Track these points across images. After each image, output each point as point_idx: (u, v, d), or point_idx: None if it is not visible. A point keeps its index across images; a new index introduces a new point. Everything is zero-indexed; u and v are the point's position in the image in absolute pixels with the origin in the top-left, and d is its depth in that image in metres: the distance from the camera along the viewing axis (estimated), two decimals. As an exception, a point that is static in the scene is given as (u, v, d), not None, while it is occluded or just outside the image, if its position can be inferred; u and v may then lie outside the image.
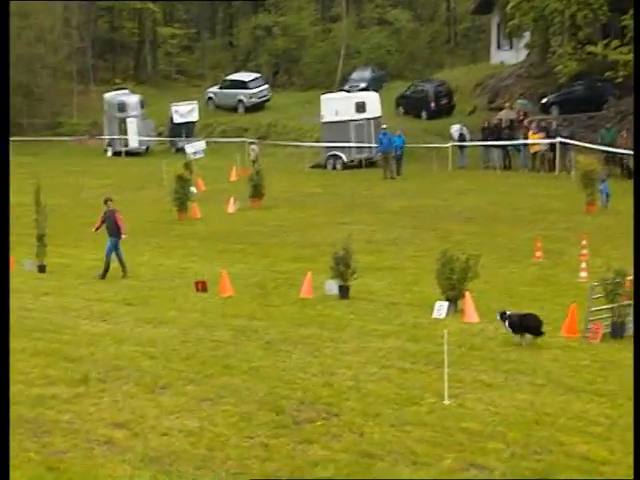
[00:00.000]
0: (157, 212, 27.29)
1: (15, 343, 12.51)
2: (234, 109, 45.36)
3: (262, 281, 17.29)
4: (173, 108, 42.15)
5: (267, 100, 45.81)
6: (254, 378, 10.94)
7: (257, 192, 27.59)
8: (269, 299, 15.67)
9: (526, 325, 11.99)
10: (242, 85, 45.54)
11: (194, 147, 39.44)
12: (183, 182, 26.12)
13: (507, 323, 12.10)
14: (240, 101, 45.27)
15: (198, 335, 13.08)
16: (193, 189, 27.50)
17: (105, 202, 18.54)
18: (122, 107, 42.29)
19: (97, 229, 18.69)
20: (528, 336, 12.02)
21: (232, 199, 27.24)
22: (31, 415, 9.67)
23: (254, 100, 45.29)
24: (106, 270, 18.03)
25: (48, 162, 40.34)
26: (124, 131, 42.09)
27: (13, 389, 10.45)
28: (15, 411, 9.73)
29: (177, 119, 41.95)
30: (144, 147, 42.35)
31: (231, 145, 39.86)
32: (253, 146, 37.22)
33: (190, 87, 51.29)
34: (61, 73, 49.49)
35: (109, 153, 42.74)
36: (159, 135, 43.42)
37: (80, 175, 34.81)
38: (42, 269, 18.85)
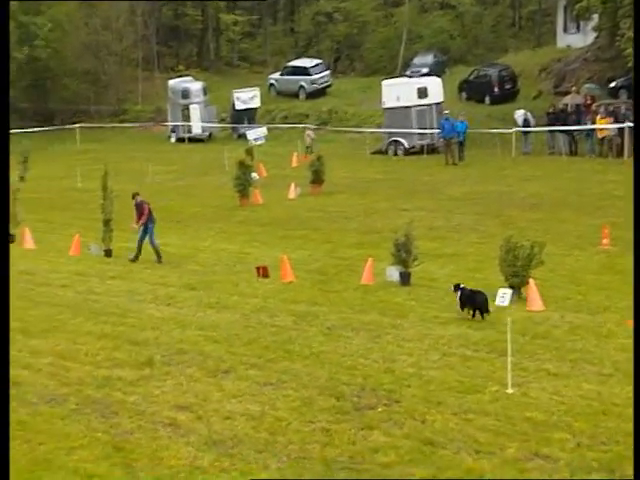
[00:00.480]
0: (219, 198, 27.54)
1: (82, 326, 12.82)
2: (295, 95, 45.41)
3: (323, 267, 17.31)
4: (235, 95, 42.42)
5: (328, 86, 45.72)
6: (315, 363, 10.97)
7: (318, 178, 27.59)
8: (330, 285, 15.68)
9: (474, 301, 12.61)
10: (303, 71, 45.53)
11: (255, 133, 39.68)
12: (245, 168, 26.28)
13: (459, 295, 12.74)
14: (301, 87, 45.29)
15: (260, 320, 13.17)
16: (255, 175, 27.66)
17: (133, 197, 18.87)
18: (185, 94, 42.72)
19: (138, 222, 18.96)
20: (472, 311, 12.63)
21: (293, 185, 27.31)
22: (98, 396, 9.87)
23: (315, 86, 45.25)
24: (158, 255, 18.37)
25: (113, 148, 41.08)
26: (187, 118, 42.53)
27: (81, 371, 10.71)
28: (83, 392, 9.96)
29: (239, 105, 42.21)
30: (207, 133, 42.73)
31: (292, 131, 39.94)
32: (308, 132, 37.25)
33: (252, 74, 51.51)
34: (126, 60, 50.23)
35: (172, 139, 43.27)
36: (221, 121, 43.77)
37: (144, 161, 35.34)
38: (108, 253, 19.22)
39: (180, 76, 46.37)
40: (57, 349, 11.60)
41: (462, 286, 12.90)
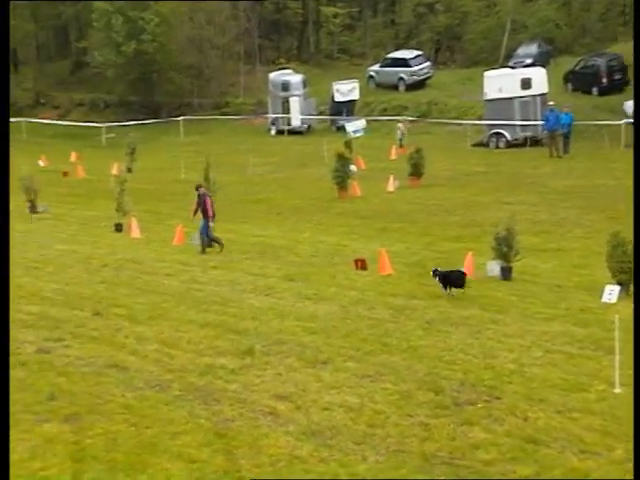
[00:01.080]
0: (318, 190, 27.69)
1: (186, 314, 13.15)
2: (395, 87, 45.13)
3: (422, 260, 17.16)
4: (334, 87, 42.51)
5: (428, 78, 45.24)
6: (413, 357, 10.90)
7: (417, 171, 27.37)
8: (429, 279, 15.48)
9: (451, 280, 13.91)
10: (403, 63, 45.20)
11: (354, 125, 39.69)
12: (343, 160, 26.32)
13: (437, 279, 14.02)
14: (401, 79, 44.98)
15: (357, 312, 13.18)
16: (353, 167, 27.66)
17: (196, 188, 19.09)
18: (286, 86, 43.10)
19: (194, 214, 19.25)
20: (454, 289, 13.85)
21: (392, 178, 27.17)
22: (201, 383, 10.09)
23: (415, 78, 44.85)
24: (204, 249, 18.70)
25: (215, 140, 41.90)
26: (287, 110, 42.91)
27: (184, 358, 10.97)
28: (186, 379, 10.22)
29: (338, 98, 42.28)
30: (306, 126, 43.00)
31: (391, 123, 39.68)
32: (399, 124, 37.02)
33: (351, 66, 51.50)
34: (228, 54, 51.05)
35: (272, 132, 43.72)
36: (320, 114, 43.95)
37: (245, 153, 35.91)
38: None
39: (281, 69, 46.82)
40: (162, 336, 11.92)
41: (437, 269, 14.20)
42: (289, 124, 42.87)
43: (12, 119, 49.62)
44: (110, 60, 48.63)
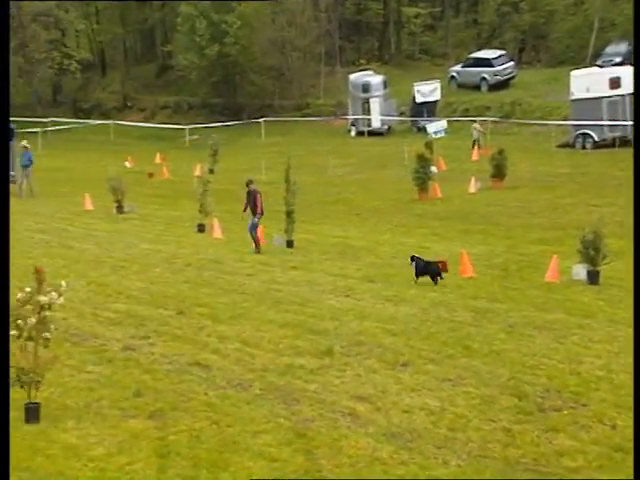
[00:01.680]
0: (398, 191, 27.60)
1: (266, 314, 13.28)
2: (477, 87, 44.61)
3: (504, 263, 16.90)
4: (415, 88, 42.29)
5: (512, 78, 44.53)
6: (495, 361, 10.73)
7: (499, 172, 26.98)
8: (511, 282, 15.28)
9: (427, 270, 14.99)
10: (486, 63, 44.63)
11: (435, 126, 39.41)
12: (424, 161, 26.16)
13: (414, 265, 15.04)
14: (483, 79, 44.43)
15: (438, 315, 13.06)
16: (434, 168, 27.47)
17: (247, 184, 19.13)
18: (366, 88, 43.10)
19: (244, 210, 19.33)
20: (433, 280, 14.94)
21: (473, 179, 26.87)
22: (281, 383, 10.17)
23: (498, 78, 44.22)
24: (256, 244, 18.80)
25: (296, 141, 42.23)
26: (367, 111, 42.91)
27: (264, 357, 11.08)
28: (266, 378, 10.31)
29: (419, 98, 42.05)
30: (386, 127, 42.92)
31: (473, 124, 39.19)
32: (475, 125, 36.53)
33: (433, 66, 51.14)
34: (309, 55, 51.36)
35: (352, 133, 43.81)
36: (401, 115, 43.79)
37: (325, 154, 36.07)
38: (290, 244, 19.76)
39: (361, 70, 46.85)
40: (243, 336, 12.07)
41: (417, 257, 15.22)
42: (369, 125, 42.85)
43: (100, 121, 51.31)
44: (194, 63, 49.59)
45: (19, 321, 8.79)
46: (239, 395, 9.80)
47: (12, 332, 8.84)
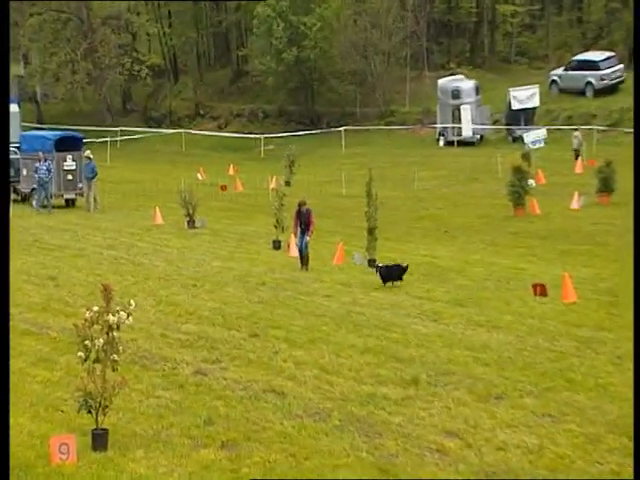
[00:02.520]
0: (491, 206, 27.34)
1: (346, 338, 13.32)
2: (581, 93, 43.87)
3: (612, 288, 16.53)
4: (511, 93, 41.88)
5: (621, 82, 43.61)
6: (602, 396, 10.51)
7: (606, 186, 26.45)
8: (620, 308, 14.92)
9: (392, 274, 16.65)
10: (592, 66, 43.86)
11: (533, 135, 38.87)
12: (521, 174, 25.84)
13: (379, 273, 16.84)
14: (589, 84, 43.66)
15: (536, 343, 12.87)
16: (532, 182, 27.11)
17: (299, 205, 19.35)
18: (456, 94, 42.91)
19: (294, 231, 19.57)
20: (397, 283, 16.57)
21: (576, 194, 26.41)
22: (362, 414, 10.17)
23: (606, 82, 43.39)
24: (305, 261, 19.02)
25: (379, 152, 42.30)
26: (457, 119, 42.67)
27: (344, 385, 11.11)
28: (346, 408, 10.33)
29: (515, 105, 41.61)
30: (478, 136, 42.59)
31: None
32: (576, 133, 35.90)
33: (531, 70, 50.52)
34: (394, 59, 51.28)
35: (441, 143, 43.64)
36: (494, 123, 43.42)
37: (410, 165, 36.02)
38: (372, 263, 19.72)
39: (451, 74, 46.66)
40: (321, 361, 12.12)
41: (380, 265, 16.83)
42: (459, 134, 42.61)
43: (172, 130, 52.51)
44: (270, 68, 50.15)
45: (87, 342, 9.05)
46: (317, 425, 9.85)
47: (79, 354, 9.11)
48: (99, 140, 45.53)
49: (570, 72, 44.52)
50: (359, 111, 50.19)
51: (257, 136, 48.61)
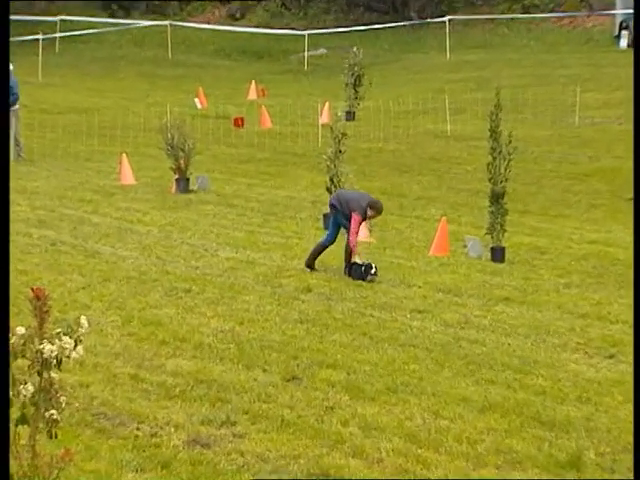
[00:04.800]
0: None
1: (451, 385, 13.27)
2: None
3: None
4: None
5: None
6: None
7: None
8: None
9: (360, 273, 18.38)
10: None
11: None
12: None
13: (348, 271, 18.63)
14: None
15: None
16: None
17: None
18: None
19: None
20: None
21: None
22: None
23: None
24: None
25: (508, 60, 42.19)
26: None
27: (451, 468, 11.07)
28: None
29: None
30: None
31: None
32: None
33: None
34: None
35: (622, 43, 44.27)
36: None
37: (566, 84, 35.78)
38: (498, 254, 19.59)
39: None
40: (408, 425, 12.10)
41: (352, 262, 18.56)
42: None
43: (150, 22, 52.52)
44: None
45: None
46: None
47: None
48: (24, 38, 45.78)
49: None
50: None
51: (298, 32, 48.59)
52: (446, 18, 45.82)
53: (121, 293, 17.21)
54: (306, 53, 47.15)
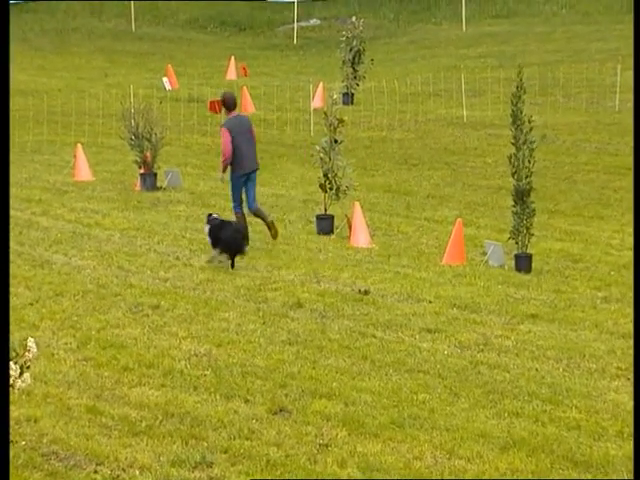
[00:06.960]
0: None
1: (468, 419, 13.30)
2: None
3: None
4: None
5: None
6: None
7: None
8: None
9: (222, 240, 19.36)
10: None
11: None
12: None
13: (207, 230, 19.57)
14: None
15: None
16: None
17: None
18: None
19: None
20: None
21: None
22: None
23: None
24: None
25: (533, 32, 42.37)
26: None
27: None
28: None
29: None
30: None
31: None
32: None
33: None
34: None
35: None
36: None
37: (604, 61, 35.87)
38: (524, 263, 19.64)
39: None
40: (417, 466, 12.13)
41: (214, 216, 19.55)
42: None
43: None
44: None
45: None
46: None
47: None
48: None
49: None
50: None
51: (286, 0, 48.74)
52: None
53: (76, 310, 17.25)
54: (295, 24, 47.29)
